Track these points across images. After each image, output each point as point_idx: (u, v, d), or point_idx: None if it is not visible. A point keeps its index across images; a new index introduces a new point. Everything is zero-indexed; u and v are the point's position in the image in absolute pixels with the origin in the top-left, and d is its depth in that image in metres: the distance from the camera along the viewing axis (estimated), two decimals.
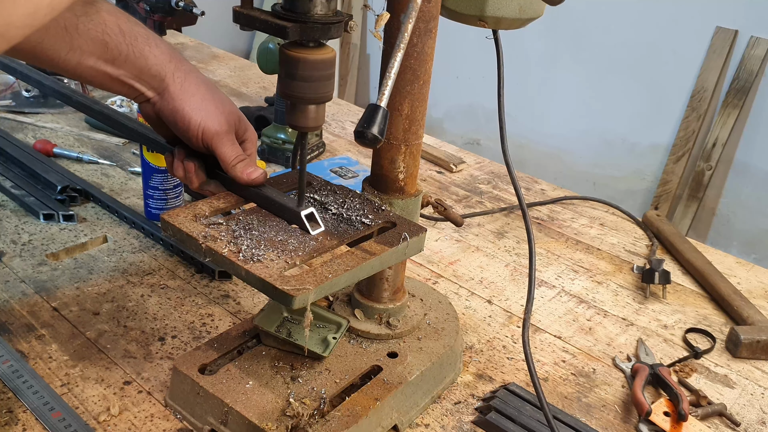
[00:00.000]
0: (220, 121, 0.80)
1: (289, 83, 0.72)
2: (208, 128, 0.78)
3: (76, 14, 0.73)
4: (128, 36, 0.76)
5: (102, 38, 0.74)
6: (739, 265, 1.24)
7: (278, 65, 0.74)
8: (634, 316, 1.06)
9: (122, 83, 0.78)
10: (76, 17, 0.73)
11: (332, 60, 0.72)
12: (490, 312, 1.03)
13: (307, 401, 0.72)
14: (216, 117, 0.79)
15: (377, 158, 0.79)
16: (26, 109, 1.47)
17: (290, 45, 0.71)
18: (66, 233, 1.08)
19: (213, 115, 0.79)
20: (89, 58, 0.74)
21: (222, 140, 0.79)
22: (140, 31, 0.78)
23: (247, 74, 1.95)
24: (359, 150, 1.54)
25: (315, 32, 0.69)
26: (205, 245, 0.69)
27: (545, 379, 0.90)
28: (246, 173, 0.79)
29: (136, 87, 0.78)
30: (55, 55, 0.73)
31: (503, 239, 1.24)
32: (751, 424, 0.86)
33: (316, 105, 0.74)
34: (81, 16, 0.73)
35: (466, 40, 2.44)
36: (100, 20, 0.74)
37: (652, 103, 3.07)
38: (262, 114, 1.52)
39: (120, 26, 0.76)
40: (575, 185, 3.02)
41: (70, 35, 0.73)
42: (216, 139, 0.79)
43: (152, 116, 0.83)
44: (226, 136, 0.80)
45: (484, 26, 0.75)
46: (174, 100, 0.78)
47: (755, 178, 2.86)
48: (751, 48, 2.78)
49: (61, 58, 0.73)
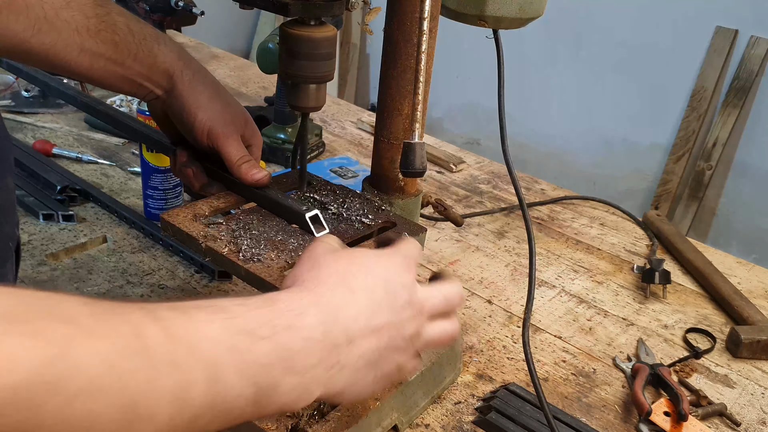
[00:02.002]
0: (227, 121, 0.80)
1: (289, 62, 0.72)
2: (214, 127, 0.79)
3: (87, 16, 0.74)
4: (137, 36, 0.77)
5: (112, 38, 0.75)
6: (739, 264, 1.24)
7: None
8: (635, 316, 1.06)
9: (132, 82, 0.78)
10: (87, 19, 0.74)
11: (333, 38, 0.72)
12: (490, 312, 1.03)
13: None
14: (223, 116, 0.80)
15: (377, 158, 0.79)
16: (25, 109, 1.47)
17: (291, 23, 0.71)
18: (65, 233, 1.08)
19: (220, 114, 0.79)
20: (100, 59, 0.75)
21: (228, 140, 0.79)
22: (149, 31, 0.78)
23: (246, 74, 1.95)
24: (359, 150, 1.54)
25: (317, 9, 0.69)
26: (205, 245, 0.69)
27: (545, 379, 0.90)
28: (250, 174, 0.78)
29: (145, 85, 0.79)
30: (68, 57, 0.74)
31: (503, 239, 1.24)
32: (752, 424, 0.86)
33: (316, 85, 0.74)
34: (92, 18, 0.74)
35: (466, 40, 2.44)
36: (111, 21, 0.75)
37: (652, 103, 3.07)
38: (262, 114, 1.52)
39: (129, 26, 0.77)
40: (575, 185, 3.02)
41: (81, 37, 0.74)
42: (222, 138, 0.79)
43: (160, 114, 0.84)
44: (232, 136, 0.80)
45: (484, 26, 0.75)
46: (181, 97, 0.79)
47: (755, 178, 2.86)
48: (751, 48, 2.78)
49: (74, 60, 0.74)
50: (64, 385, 0.35)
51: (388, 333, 0.53)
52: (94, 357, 0.37)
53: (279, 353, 0.46)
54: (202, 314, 0.44)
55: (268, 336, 0.46)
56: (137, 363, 0.39)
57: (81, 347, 0.36)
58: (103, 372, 0.37)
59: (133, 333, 0.39)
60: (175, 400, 0.40)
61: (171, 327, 0.42)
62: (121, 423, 0.38)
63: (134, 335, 0.39)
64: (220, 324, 0.44)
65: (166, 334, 0.41)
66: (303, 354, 0.48)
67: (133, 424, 0.39)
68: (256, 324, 0.46)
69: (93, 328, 0.38)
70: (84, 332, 0.37)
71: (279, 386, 0.46)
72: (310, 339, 0.48)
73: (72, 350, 0.36)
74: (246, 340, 0.45)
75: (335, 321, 0.50)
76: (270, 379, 0.46)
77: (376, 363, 0.53)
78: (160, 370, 0.40)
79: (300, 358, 0.47)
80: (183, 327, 0.43)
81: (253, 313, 0.47)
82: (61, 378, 0.35)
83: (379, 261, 0.56)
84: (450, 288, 0.60)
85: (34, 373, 0.34)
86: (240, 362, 0.44)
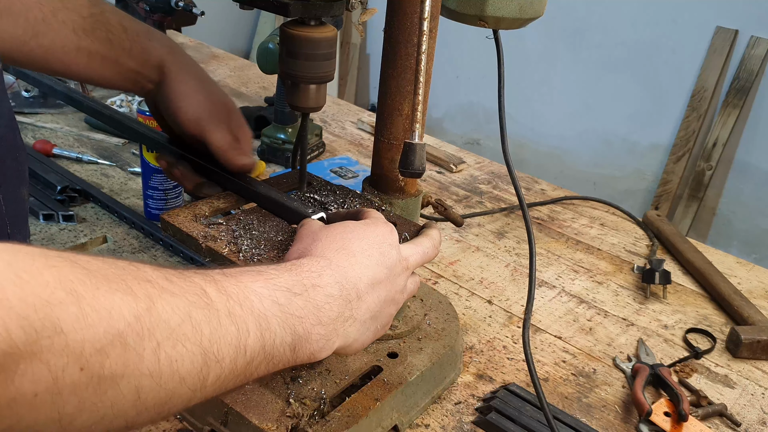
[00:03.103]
0: (211, 110, 0.81)
1: (289, 62, 0.72)
2: (199, 116, 0.80)
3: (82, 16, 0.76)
4: (131, 33, 0.79)
5: (107, 37, 0.77)
6: (739, 265, 1.24)
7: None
8: (635, 316, 1.06)
9: (127, 78, 0.80)
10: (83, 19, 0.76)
11: (333, 38, 0.72)
12: (490, 312, 1.03)
13: (307, 401, 0.72)
14: (207, 105, 0.81)
15: (377, 158, 0.79)
16: (26, 109, 1.47)
17: (291, 23, 0.71)
18: (66, 233, 1.08)
19: (204, 104, 0.81)
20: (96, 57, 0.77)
21: (213, 128, 0.80)
22: (141, 28, 0.81)
23: (246, 74, 1.95)
24: (359, 150, 1.54)
25: (317, 9, 0.69)
26: (205, 245, 0.69)
27: (545, 380, 0.90)
28: (236, 159, 0.80)
29: (139, 80, 0.81)
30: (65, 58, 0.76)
31: (503, 239, 1.24)
32: (752, 424, 0.86)
33: (316, 85, 0.74)
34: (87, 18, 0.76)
35: (466, 40, 2.44)
36: (105, 20, 0.77)
37: (653, 103, 3.07)
38: (262, 114, 1.52)
39: (123, 24, 0.79)
40: (575, 185, 3.02)
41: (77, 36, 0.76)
42: (207, 127, 0.80)
43: (153, 109, 0.86)
44: (218, 125, 0.81)
45: (484, 26, 0.75)
46: (168, 88, 0.80)
47: (755, 178, 2.86)
48: (752, 48, 2.78)
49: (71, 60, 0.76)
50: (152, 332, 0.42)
51: (386, 288, 0.62)
52: (174, 309, 0.44)
53: (309, 307, 0.55)
54: (246, 276, 0.52)
55: (300, 293, 0.54)
56: (207, 314, 0.46)
57: (162, 302, 0.43)
58: (181, 321, 0.44)
59: (198, 291, 0.47)
60: (235, 345, 0.48)
61: (226, 286, 0.49)
62: (200, 365, 0.45)
63: (200, 293, 0.47)
64: (262, 283, 0.52)
65: (223, 292, 0.49)
66: (326, 308, 0.56)
67: (208, 367, 0.45)
68: (290, 283, 0.54)
69: (168, 287, 0.45)
70: (163, 290, 0.44)
71: (310, 335, 0.55)
72: (330, 296, 0.57)
73: (156, 304, 0.43)
74: (284, 295, 0.53)
75: (346, 279, 0.58)
76: (304, 329, 0.54)
77: (377, 315, 0.62)
78: (222, 320, 0.47)
79: (324, 312, 0.56)
80: (234, 286, 0.50)
81: (286, 275, 0.55)
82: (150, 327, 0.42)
83: (367, 228, 0.64)
84: (427, 244, 0.69)
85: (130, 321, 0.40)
86: (281, 314, 0.52)
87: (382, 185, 0.80)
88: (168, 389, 0.43)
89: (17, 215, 0.67)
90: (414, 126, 0.62)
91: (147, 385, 0.42)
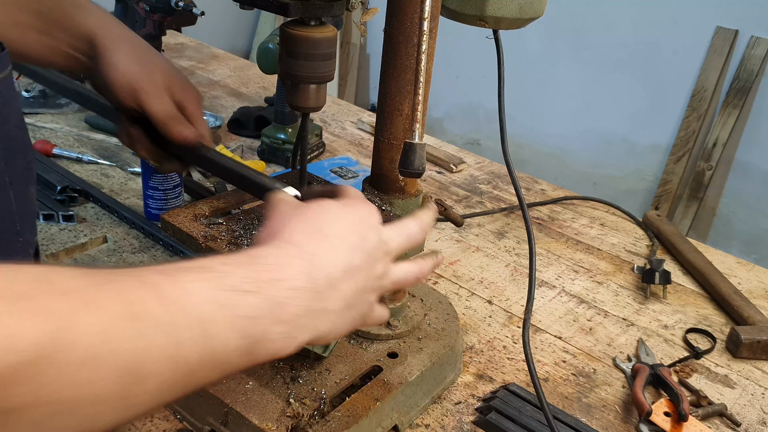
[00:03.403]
0: (148, 79, 0.76)
1: (289, 62, 0.72)
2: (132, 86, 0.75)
3: None
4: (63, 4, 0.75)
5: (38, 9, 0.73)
6: (739, 265, 1.24)
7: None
8: (635, 316, 1.06)
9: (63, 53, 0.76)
10: None
11: (333, 38, 0.72)
12: (490, 312, 1.03)
13: (307, 401, 0.72)
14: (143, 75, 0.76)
15: (377, 158, 0.79)
16: (26, 109, 1.47)
17: (291, 23, 0.71)
18: (66, 233, 1.08)
19: (139, 74, 0.76)
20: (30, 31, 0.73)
21: (151, 96, 0.75)
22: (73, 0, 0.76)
23: (246, 74, 1.95)
24: (359, 150, 1.54)
25: (317, 9, 0.69)
26: (205, 245, 0.69)
27: (545, 380, 0.90)
28: (178, 131, 0.75)
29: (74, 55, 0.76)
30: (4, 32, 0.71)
31: (503, 239, 1.24)
32: (752, 424, 0.86)
33: (316, 85, 0.74)
34: None
35: (466, 40, 2.44)
36: None
37: (653, 103, 3.07)
38: (262, 114, 1.52)
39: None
40: (575, 185, 3.02)
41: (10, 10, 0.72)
42: (144, 96, 0.75)
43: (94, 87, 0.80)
44: (155, 92, 0.76)
45: (484, 26, 0.75)
46: (101, 61, 0.76)
47: (755, 178, 2.86)
48: (752, 48, 2.78)
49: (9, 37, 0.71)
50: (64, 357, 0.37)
51: (364, 274, 0.55)
52: (89, 328, 0.38)
53: (267, 305, 0.48)
54: (189, 275, 0.46)
55: (255, 290, 0.47)
56: (130, 329, 0.40)
57: (78, 320, 0.38)
58: (98, 342, 0.38)
59: (125, 301, 0.41)
60: (171, 359, 0.42)
61: (162, 290, 0.43)
62: (121, 386, 0.40)
63: (127, 302, 0.41)
64: (207, 283, 0.46)
65: (158, 298, 0.43)
66: (289, 303, 0.49)
67: (132, 385, 0.40)
68: (242, 280, 0.47)
69: (87, 299, 0.39)
70: (82, 304, 0.39)
71: (268, 336, 0.48)
72: (294, 288, 0.50)
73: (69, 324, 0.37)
74: (234, 296, 0.46)
75: (317, 267, 0.52)
76: (259, 330, 0.47)
77: (354, 304, 0.55)
78: (153, 332, 0.41)
79: (287, 308, 0.49)
80: (173, 289, 0.44)
81: (238, 271, 0.48)
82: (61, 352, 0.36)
83: (346, 208, 0.58)
84: (412, 225, 0.63)
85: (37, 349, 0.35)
86: (230, 317, 0.46)
87: (382, 185, 0.80)
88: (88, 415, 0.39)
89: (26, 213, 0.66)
90: (414, 126, 0.62)
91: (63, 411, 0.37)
